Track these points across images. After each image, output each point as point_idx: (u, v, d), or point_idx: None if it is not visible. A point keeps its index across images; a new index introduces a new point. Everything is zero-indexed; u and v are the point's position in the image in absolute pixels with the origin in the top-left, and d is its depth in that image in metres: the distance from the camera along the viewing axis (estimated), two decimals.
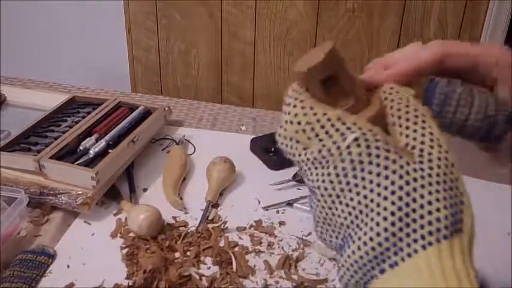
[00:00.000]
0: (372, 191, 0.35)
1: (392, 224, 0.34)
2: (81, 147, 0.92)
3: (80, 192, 0.84)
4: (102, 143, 0.92)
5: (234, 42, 1.81)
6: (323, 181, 0.37)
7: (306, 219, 0.87)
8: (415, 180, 0.35)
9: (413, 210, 0.34)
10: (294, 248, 0.81)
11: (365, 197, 0.35)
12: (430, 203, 0.34)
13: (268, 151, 1.01)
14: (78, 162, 0.88)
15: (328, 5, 1.68)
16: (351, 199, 0.36)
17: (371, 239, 0.35)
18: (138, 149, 0.97)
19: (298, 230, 0.85)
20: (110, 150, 0.92)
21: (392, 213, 0.34)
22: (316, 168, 0.37)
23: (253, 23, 1.76)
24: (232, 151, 0.98)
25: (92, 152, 0.90)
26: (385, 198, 0.35)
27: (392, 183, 0.35)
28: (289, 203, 0.90)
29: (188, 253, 0.79)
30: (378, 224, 0.34)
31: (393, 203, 0.34)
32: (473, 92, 0.39)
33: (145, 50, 1.90)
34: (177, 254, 0.79)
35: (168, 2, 1.79)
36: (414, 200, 0.34)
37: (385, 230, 0.34)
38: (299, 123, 0.38)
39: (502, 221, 0.85)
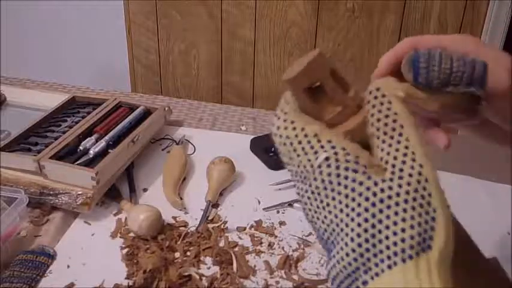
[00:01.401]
0: (341, 211, 0.36)
1: (359, 245, 0.35)
2: (81, 147, 0.92)
3: (80, 192, 0.84)
4: (102, 143, 0.92)
5: (234, 42, 1.81)
6: (302, 196, 0.38)
7: (306, 219, 0.87)
8: (381, 201, 0.35)
9: (379, 231, 0.35)
10: (294, 248, 0.81)
11: (336, 216, 0.36)
12: (395, 223, 0.35)
13: (268, 151, 1.01)
14: (78, 162, 0.88)
15: (328, 5, 1.68)
16: (325, 217, 0.37)
17: (342, 259, 0.36)
18: (138, 149, 0.97)
19: (298, 230, 0.85)
20: (110, 150, 0.92)
21: (359, 235, 0.35)
22: (297, 181, 0.39)
23: (253, 23, 1.76)
24: (232, 151, 0.98)
25: (92, 152, 0.90)
26: (352, 219, 0.35)
27: (359, 205, 0.35)
28: (290, 204, 0.90)
29: (188, 253, 0.79)
30: (346, 244, 0.36)
31: (359, 225, 0.35)
32: (449, 51, 0.44)
33: (145, 50, 1.90)
34: (177, 254, 0.79)
35: (168, 2, 1.79)
36: (380, 222, 0.35)
37: (353, 251, 0.35)
38: (281, 136, 0.39)
39: (502, 221, 0.85)
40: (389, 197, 0.35)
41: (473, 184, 0.94)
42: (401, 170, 0.36)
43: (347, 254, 0.35)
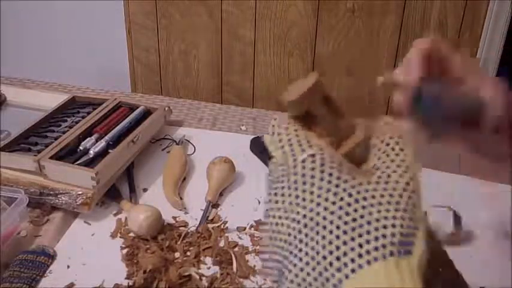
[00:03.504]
0: (318, 204, 0.35)
1: (337, 237, 0.34)
2: (81, 147, 0.92)
3: (80, 192, 0.84)
4: (102, 143, 0.92)
5: (234, 42, 1.81)
6: (275, 194, 0.38)
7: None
8: (364, 199, 0.35)
9: (360, 226, 0.34)
10: None
11: (311, 210, 0.36)
12: (377, 220, 0.35)
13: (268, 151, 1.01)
14: (78, 162, 0.88)
15: (328, 5, 1.68)
16: (297, 213, 0.36)
17: (317, 253, 0.34)
18: (138, 149, 0.97)
19: None
20: (110, 150, 0.92)
21: (338, 227, 0.34)
22: (273, 182, 0.39)
23: (253, 23, 1.76)
24: (232, 151, 0.98)
25: (92, 152, 0.90)
26: (332, 212, 0.35)
27: (341, 199, 0.35)
28: None
29: (188, 253, 0.79)
30: (323, 237, 0.35)
31: (340, 218, 0.35)
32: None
33: (145, 50, 1.90)
34: (177, 254, 0.79)
35: (168, 2, 1.79)
36: (362, 217, 0.35)
37: (330, 243, 0.34)
38: (273, 133, 0.40)
39: (501, 221, 0.85)
40: (373, 197, 0.35)
41: (474, 184, 0.94)
42: (389, 176, 0.37)
43: (323, 247, 0.34)
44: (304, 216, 0.36)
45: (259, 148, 1.03)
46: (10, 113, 1.11)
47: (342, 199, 0.35)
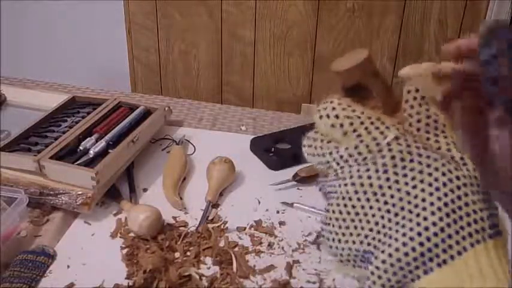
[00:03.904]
0: (414, 187, 0.35)
1: (440, 219, 0.34)
2: (81, 147, 0.92)
3: (80, 192, 0.84)
4: (102, 143, 0.92)
5: (234, 42, 1.81)
6: (359, 177, 0.36)
7: (306, 219, 0.87)
8: (457, 178, 0.35)
9: (459, 208, 0.34)
10: (294, 248, 0.81)
11: (407, 193, 0.35)
12: (474, 202, 0.34)
13: (268, 151, 1.01)
14: (78, 162, 0.88)
15: (328, 5, 1.68)
16: (391, 196, 0.35)
17: (419, 234, 0.34)
18: (138, 149, 0.97)
19: (298, 230, 0.85)
20: (110, 150, 0.92)
21: (439, 209, 0.34)
22: (350, 166, 0.37)
23: (253, 23, 1.76)
24: (232, 151, 0.98)
25: (92, 152, 0.90)
26: (431, 194, 0.34)
27: (436, 179, 0.34)
28: (289, 203, 0.90)
29: (188, 253, 0.79)
30: (425, 218, 0.34)
31: (439, 199, 0.34)
32: None
33: (145, 50, 1.90)
34: (177, 254, 0.79)
35: (168, 2, 1.79)
36: (459, 198, 0.34)
37: (434, 224, 0.34)
38: (337, 116, 0.37)
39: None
40: (464, 177, 0.35)
41: None
42: (462, 158, 0.36)
43: (426, 228, 0.34)
44: (400, 199, 0.35)
45: (259, 148, 1.03)
46: (10, 113, 1.11)
47: (436, 179, 0.34)
